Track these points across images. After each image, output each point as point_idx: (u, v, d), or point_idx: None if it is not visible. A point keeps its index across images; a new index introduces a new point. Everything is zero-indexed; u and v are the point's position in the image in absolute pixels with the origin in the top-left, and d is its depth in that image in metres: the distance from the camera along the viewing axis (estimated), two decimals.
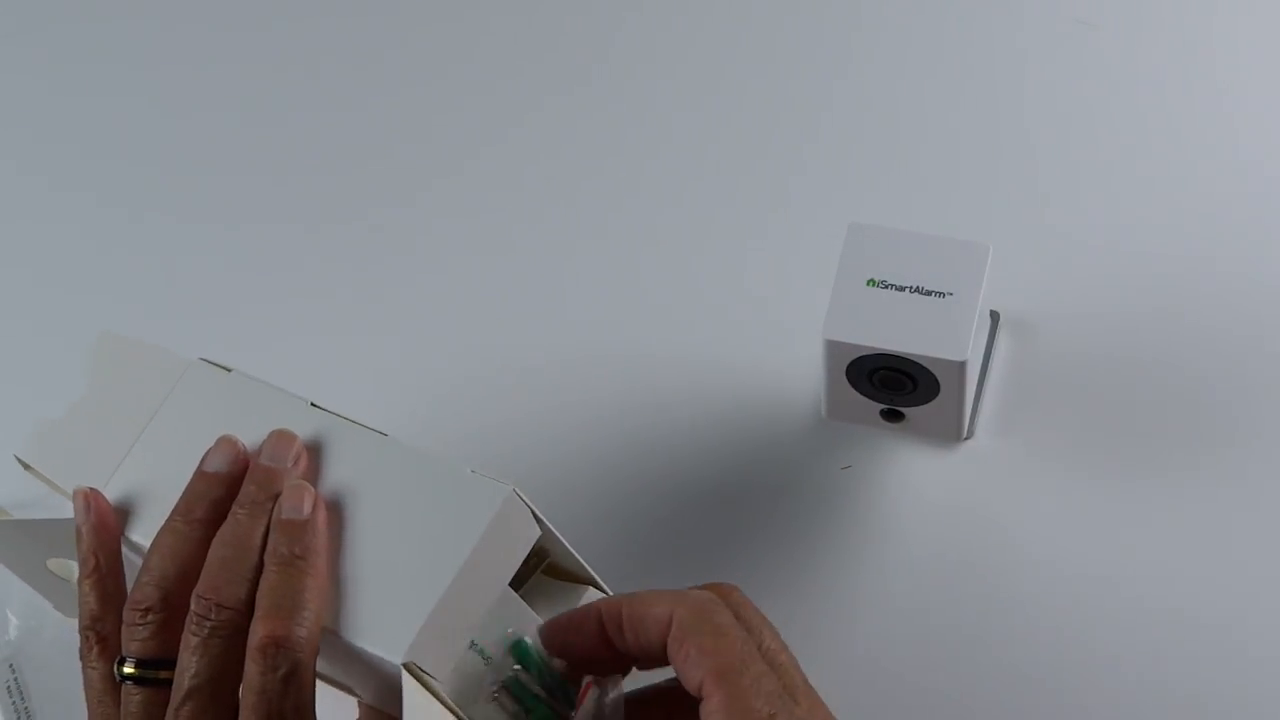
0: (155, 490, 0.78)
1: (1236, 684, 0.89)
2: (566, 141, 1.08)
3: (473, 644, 0.74)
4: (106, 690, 0.76)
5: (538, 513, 0.75)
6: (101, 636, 0.76)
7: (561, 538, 0.76)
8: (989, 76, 1.07)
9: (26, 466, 0.83)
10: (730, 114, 1.07)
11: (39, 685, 0.92)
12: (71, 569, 0.82)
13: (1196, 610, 0.91)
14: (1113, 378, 0.97)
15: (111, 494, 0.79)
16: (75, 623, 0.78)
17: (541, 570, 0.78)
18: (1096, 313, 0.98)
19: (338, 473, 0.76)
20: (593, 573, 0.78)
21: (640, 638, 0.73)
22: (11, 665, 0.92)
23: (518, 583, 0.76)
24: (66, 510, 0.79)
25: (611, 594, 0.77)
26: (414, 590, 0.72)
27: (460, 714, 0.73)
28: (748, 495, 0.95)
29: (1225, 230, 1.00)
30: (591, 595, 0.78)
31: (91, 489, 0.78)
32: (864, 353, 0.90)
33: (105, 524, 0.78)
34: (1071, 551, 0.92)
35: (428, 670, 0.72)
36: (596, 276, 1.03)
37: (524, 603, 0.76)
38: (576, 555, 0.77)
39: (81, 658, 0.77)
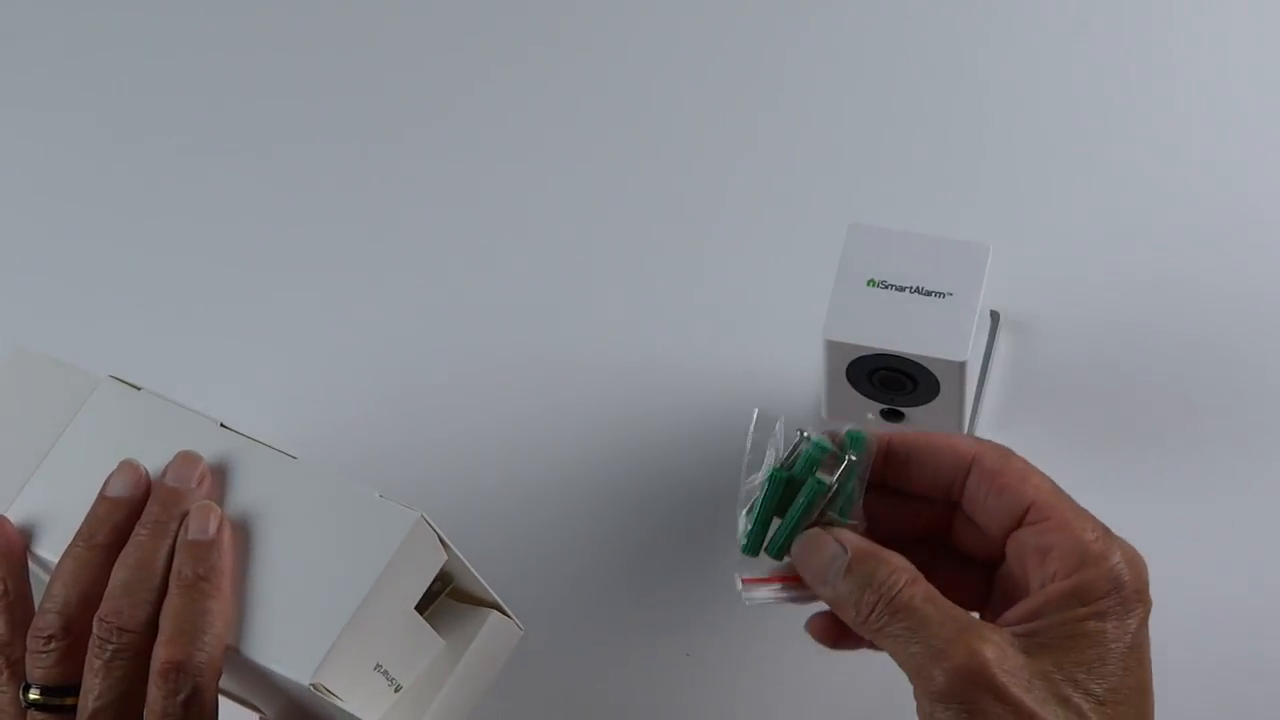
0: (63, 508, 0.78)
1: (1236, 685, 0.89)
2: (563, 141, 1.08)
3: (378, 666, 0.75)
4: (15, 715, 0.76)
5: (444, 538, 0.75)
6: (10, 661, 0.77)
7: (467, 562, 0.77)
8: (989, 77, 1.07)
9: None
10: (730, 114, 1.07)
11: None
12: None
13: (1195, 611, 0.91)
14: (1112, 378, 0.97)
15: (18, 510, 0.79)
16: None
17: (446, 594, 0.79)
18: (1096, 313, 0.98)
19: (246, 494, 0.77)
20: (496, 597, 0.79)
21: (932, 469, 0.75)
22: None
23: (422, 605, 0.77)
24: None
25: (515, 618, 0.79)
26: (323, 612, 0.73)
27: None
28: None
29: (1225, 231, 1.00)
30: (496, 619, 0.79)
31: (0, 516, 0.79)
32: (864, 353, 0.90)
33: (12, 550, 0.78)
34: None
35: (335, 692, 0.73)
36: (595, 277, 1.03)
37: (429, 626, 0.77)
38: (481, 580, 0.78)
39: None
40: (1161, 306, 0.98)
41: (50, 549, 0.78)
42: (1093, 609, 0.71)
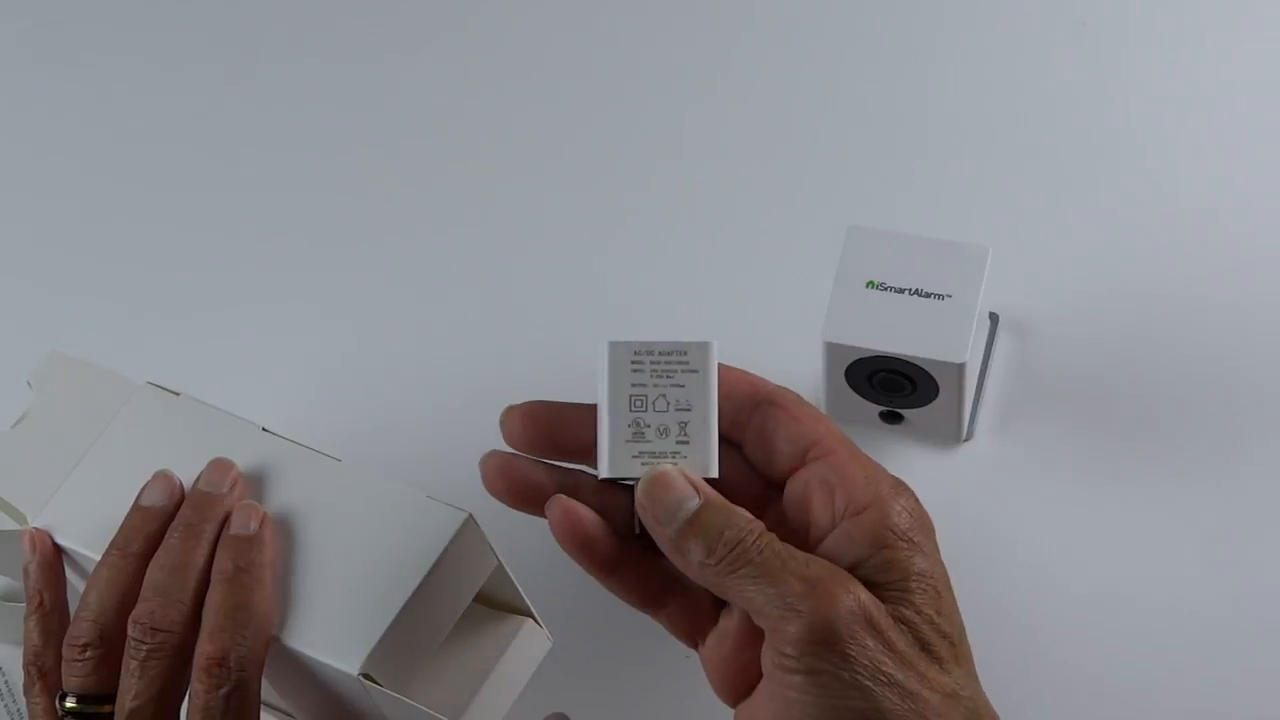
0: (100, 508, 0.79)
1: (1236, 686, 0.89)
2: (565, 141, 1.08)
3: (418, 665, 0.75)
4: None
5: (489, 542, 0.76)
6: (43, 671, 0.78)
7: (507, 568, 0.77)
8: (988, 79, 1.07)
9: None
10: (730, 115, 1.07)
11: None
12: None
13: (1196, 611, 0.91)
14: (1112, 380, 0.97)
15: (55, 510, 0.80)
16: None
17: (476, 599, 0.79)
18: (1096, 315, 0.98)
19: (290, 495, 0.77)
20: (530, 605, 0.79)
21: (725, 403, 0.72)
22: (1, 669, 0.93)
23: None
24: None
25: (545, 628, 0.79)
26: (372, 605, 0.73)
27: None
28: None
29: (1225, 232, 1.00)
30: (530, 628, 0.79)
31: (38, 529, 0.79)
32: (863, 355, 0.90)
33: (50, 563, 0.79)
34: (1070, 552, 0.92)
35: (381, 682, 0.73)
36: (596, 277, 1.03)
37: (469, 639, 0.78)
38: (518, 586, 0.78)
39: (25, 692, 0.78)
40: (1160, 308, 0.98)
41: (86, 546, 0.78)
42: (910, 546, 0.70)
